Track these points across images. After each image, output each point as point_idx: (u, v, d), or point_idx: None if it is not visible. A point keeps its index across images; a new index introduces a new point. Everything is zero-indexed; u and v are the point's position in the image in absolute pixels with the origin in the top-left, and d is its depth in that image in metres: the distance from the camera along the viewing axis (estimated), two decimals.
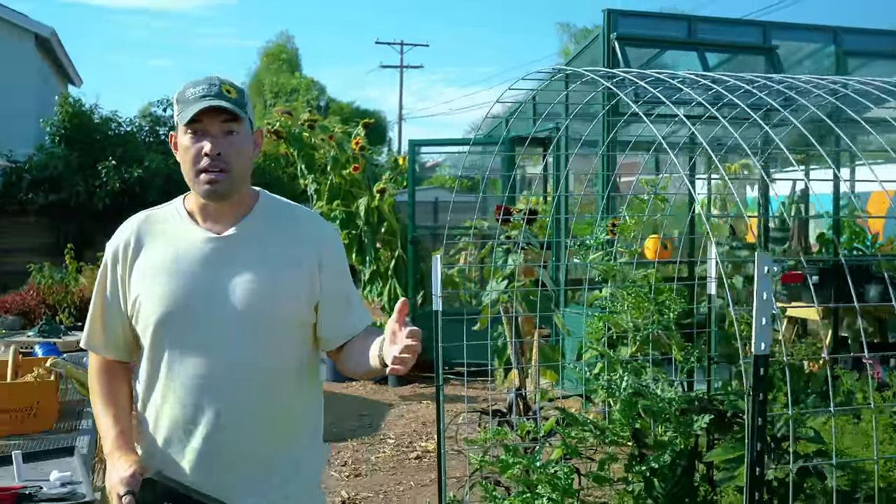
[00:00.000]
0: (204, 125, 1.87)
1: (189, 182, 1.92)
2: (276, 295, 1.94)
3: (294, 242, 2.00)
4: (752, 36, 6.36)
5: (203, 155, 1.87)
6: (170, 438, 1.92)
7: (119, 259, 1.96)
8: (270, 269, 1.94)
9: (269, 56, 39.81)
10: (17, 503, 2.05)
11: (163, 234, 1.96)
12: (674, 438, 3.56)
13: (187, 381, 1.90)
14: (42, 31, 17.48)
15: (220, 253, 1.94)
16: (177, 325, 1.90)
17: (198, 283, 1.91)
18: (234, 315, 1.90)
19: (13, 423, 2.80)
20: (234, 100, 1.90)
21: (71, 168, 15.06)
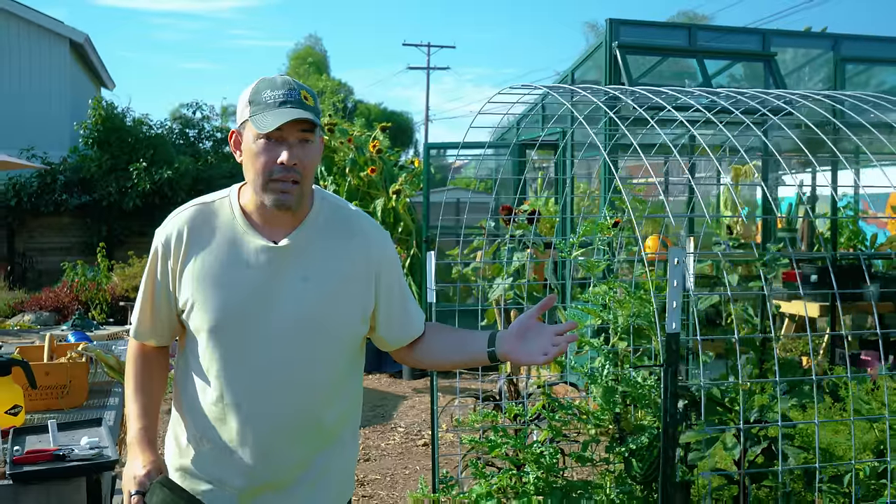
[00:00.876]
0: (282, 133, 1.81)
1: (255, 187, 1.86)
2: (329, 310, 1.92)
3: (349, 253, 1.97)
4: (752, 43, 6.58)
5: (278, 164, 1.81)
6: (212, 437, 1.92)
7: (171, 251, 1.91)
8: (321, 282, 1.92)
9: (298, 58, 40.36)
10: (52, 461, 2.38)
11: (217, 233, 1.91)
12: (652, 422, 3.84)
13: (238, 388, 1.88)
14: (76, 36, 18.02)
15: (275, 264, 1.89)
16: (229, 334, 1.87)
17: (253, 294, 1.87)
18: (287, 329, 1.88)
19: (49, 400, 3.15)
20: (313, 108, 1.85)
21: (103, 170, 15.57)
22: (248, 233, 1.90)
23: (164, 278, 1.93)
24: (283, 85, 1.84)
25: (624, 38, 6.18)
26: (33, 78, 17.49)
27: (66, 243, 15.97)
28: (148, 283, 1.96)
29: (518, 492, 3.70)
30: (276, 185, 1.82)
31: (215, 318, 1.87)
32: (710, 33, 6.74)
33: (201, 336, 1.90)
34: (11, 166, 9.03)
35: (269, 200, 1.84)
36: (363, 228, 2.02)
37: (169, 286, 1.93)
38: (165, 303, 1.95)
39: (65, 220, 16.05)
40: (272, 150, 1.81)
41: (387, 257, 2.03)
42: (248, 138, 1.85)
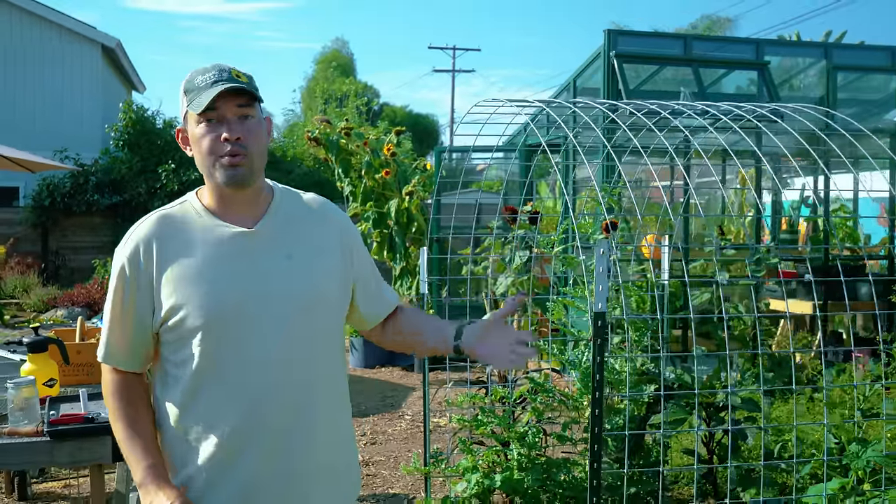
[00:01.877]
0: (219, 112, 1.83)
1: (206, 172, 1.86)
2: (317, 281, 1.93)
3: (322, 231, 1.99)
4: (746, 52, 6.87)
5: (222, 141, 1.82)
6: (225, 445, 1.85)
7: (141, 264, 1.85)
8: (304, 258, 1.93)
9: (324, 62, 40.92)
10: (82, 423, 2.77)
11: (187, 234, 1.87)
12: (627, 406, 4.17)
13: (239, 378, 1.85)
14: (108, 41, 18.61)
15: (255, 248, 1.89)
16: (227, 328, 1.83)
17: (239, 282, 1.85)
18: (283, 308, 1.87)
19: (81, 375, 3.55)
20: (247, 83, 1.86)
21: (133, 171, 16.11)
22: (220, 225, 1.89)
23: (136, 294, 1.86)
24: (212, 68, 1.86)
25: (621, 47, 6.50)
26: (66, 81, 18.10)
27: (98, 242, 16.51)
28: (116, 302, 1.88)
29: (503, 467, 4.06)
30: (226, 160, 1.82)
31: (212, 314, 1.82)
32: (705, 43, 7.05)
33: (194, 338, 1.83)
34: (46, 167, 9.51)
35: (222, 177, 1.84)
36: (328, 210, 2.05)
37: (145, 304, 1.86)
38: (139, 321, 1.88)
39: (96, 220, 16.60)
40: (213, 129, 1.83)
41: (354, 237, 2.08)
42: (191, 127, 1.86)
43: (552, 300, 4.73)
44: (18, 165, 8.56)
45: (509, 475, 3.95)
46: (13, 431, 2.75)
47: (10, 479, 4.76)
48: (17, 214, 16.46)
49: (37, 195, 16.06)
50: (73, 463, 2.84)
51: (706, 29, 22.70)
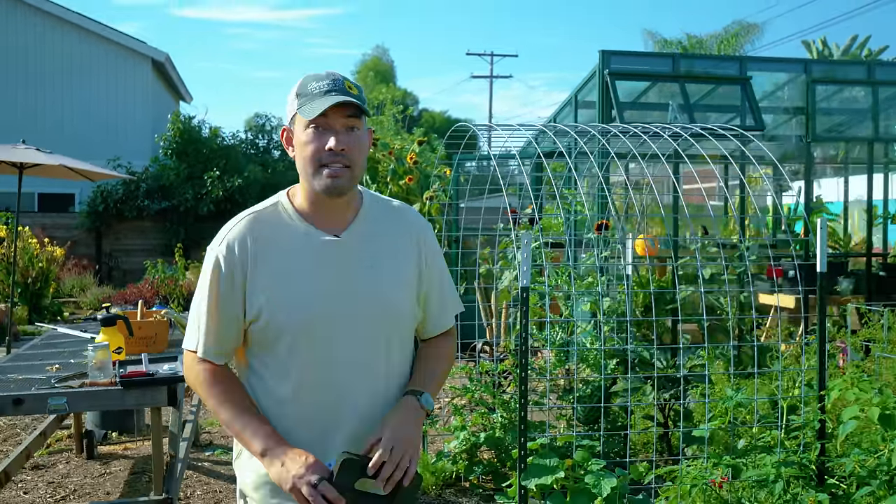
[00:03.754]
0: (328, 120, 1.86)
1: (306, 176, 1.90)
2: (398, 293, 1.99)
3: (403, 242, 2.04)
4: (730, 69, 7.53)
5: (327, 150, 1.86)
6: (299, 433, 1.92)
7: (236, 262, 1.90)
8: (389, 269, 1.99)
9: (365, 69, 41.99)
10: (144, 377, 3.62)
11: (278, 237, 1.93)
12: (596, 379, 4.91)
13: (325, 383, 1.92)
14: (157, 55, 19.75)
15: (339, 256, 1.94)
16: (314, 331, 1.90)
17: (325, 289, 1.91)
18: (367, 316, 1.94)
19: (141, 346, 4.40)
20: (357, 96, 1.91)
21: (180, 178, 17.16)
22: (310, 231, 1.94)
23: (231, 291, 1.91)
24: (327, 76, 1.91)
25: (614, 66, 7.22)
26: (119, 94, 19.29)
27: (148, 245, 17.59)
28: (212, 298, 1.92)
29: (488, 427, 4.83)
30: (327, 171, 1.86)
31: (300, 319, 1.89)
32: (692, 60, 7.75)
33: (281, 339, 1.90)
34: (103, 177, 10.47)
35: (321, 186, 1.87)
36: (411, 220, 2.09)
37: (238, 300, 1.91)
38: (234, 317, 1.92)
39: (146, 224, 17.68)
40: (320, 137, 1.86)
41: (431, 248, 2.10)
42: (297, 130, 1.91)
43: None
44: (80, 175, 9.52)
45: (492, 434, 4.72)
46: (93, 383, 3.61)
47: (80, 441, 5.65)
48: (73, 220, 17.62)
49: (91, 201, 17.18)
50: (138, 405, 3.71)
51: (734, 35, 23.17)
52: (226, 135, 18.32)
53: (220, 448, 5.81)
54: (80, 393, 3.52)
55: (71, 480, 5.11)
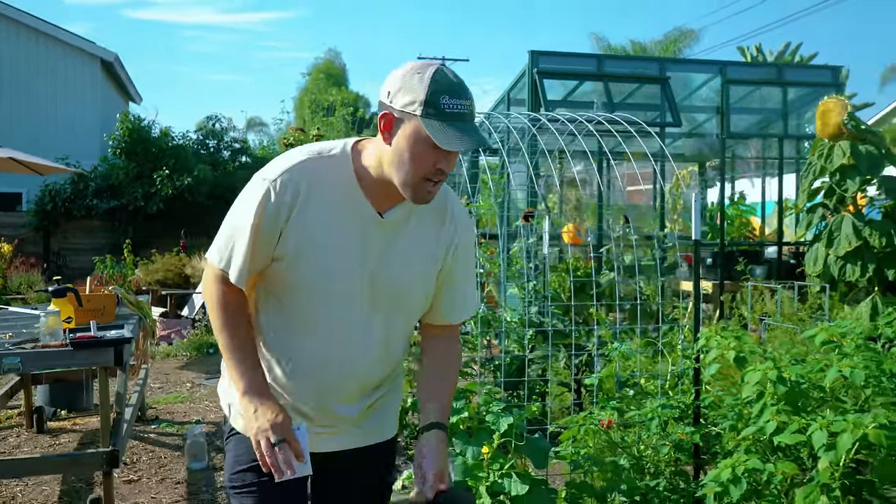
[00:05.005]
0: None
1: (401, 179, 1.86)
2: (416, 284, 2.04)
3: (439, 234, 2.06)
4: (650, 69, 8.06)
5: (437, 169, 1.84)
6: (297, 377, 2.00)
7: (285, 203, 1.88)
8: (417, 260, 2.02)
9: (317, 71, 42.16)
10: (93, 340, 3.95)
11: (332, 193, 1.92)
12: (515, 349, 5.35)
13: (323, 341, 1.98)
14: (107, 56, 19.81)
15: (378, 235, 1.96)
16: (329, 295, 1.95)
17: (356, 262, 1.94)
18: (377, 296, 1.98)
19: (90, 318, 4.71)
20: (476, 120, 1.95)
21: (130, 177, 17.28)
22: (359, 201, 1.94)
23: (274, 227, 1.90)
24: (461, 93, 1.81)
25: (542, 65, 7.70)
26: (68, 93, 19.32)
27: (97, 244, 17.63)
28: (254, 228, 1.90)
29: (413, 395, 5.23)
30: (427, 185, 1.85)
31: (314, 280, 1.93)
32: (616, 61, 8.26)
33: (297, 291, 1.95)
34: (54, 170, 10.67)
35: (413, 196, 1.87)
36: (454, 213, 2.09)
37: (274, 236, 1.91)
38: (267, 249, 1.93)
39: (95, 223, 17.74)
40: (434, 155, 1.82)
41: (464, 243, 2.11)
42: (408, 132, 1.82)
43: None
44: (29, 169, 9.72)
45: (415, 401, 5.12)
46: (45, 345, 3.94)
47: (30, 416, 5.93)
48: (21, 218, 17.62)
49: (39, 200, 17.21)
50: (87, 364, 4.04)
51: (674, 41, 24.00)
52: (176, 134, 18.47)
53: (165, 422, 6.13)
54: (33, 353, 3.85)
55: (21, 451, 5.39)
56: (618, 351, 3.91)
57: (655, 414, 3.57)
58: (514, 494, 3.36)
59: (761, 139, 8.98)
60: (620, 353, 3.92)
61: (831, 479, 3.06)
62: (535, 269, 6.50)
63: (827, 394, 3.27)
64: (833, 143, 6.67)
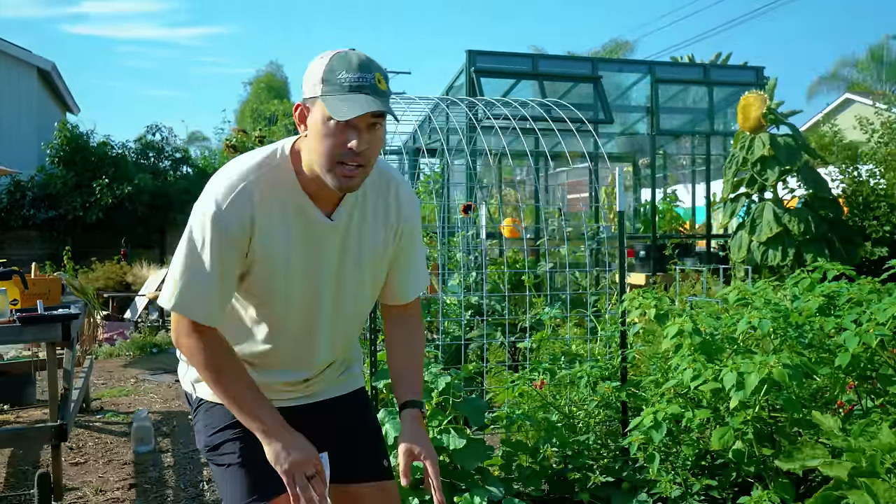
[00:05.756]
0: (354, 120, 1.76)
1: (320, 167, 1.82)
2: (368, 277, 2.05)
3: (384, 222, 2.05)
4: (583, 69, 8.38)
5: (348, 150, 1.79)
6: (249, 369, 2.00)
7: (239, 228, 1.85)
8: (366, 257, 2.02)
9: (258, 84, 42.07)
10: (40, 315, 4.04)
11: (280, 203, 1.89)
12: (455, 330, 5.55)
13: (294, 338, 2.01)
14: (44, 64, 19.57)
15: (327, 237, 1.95)
16: (282, 303, 1.96)
17: (312, 266, 1.94)
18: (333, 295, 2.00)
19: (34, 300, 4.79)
20: (385, 93, 1.80)
21: (68, 186, 17.06)
22: (307, 207, 1.92)
23: (234, 255, 1.87)
24: (358, 66, 1.77)
25: (480, 64, 7.95)
26: (3, 102, 19.00)
27: (34, 255, 17.30)
28: (216, 263, 1.85)
29: None
30: (342, 169, 1.80)
31: (272, 294, 1.94)
32: (550, 61, 8.56)
33: (256, 303, 1.98)
34: None
35: (333, 182, 1.82)
36: (400, 197, 2.08)
37: (239, 260, 1.89)
38: (232, 283, 1.90)
39: (32, 234, 17.45)
40: (342, 134, 1.78)
41: (411, 225, 2.11)
42: (316, 116, 1.80)
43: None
44: None
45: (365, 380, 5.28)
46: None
47: None
48: None
49: None
50: (35, 339, 4.12)
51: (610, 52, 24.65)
52: (115, 143, 18.32)
53: (110, 412, 6.18)
54: None
55: None
56: (549, 315, 4.14)
57: (584, 373, 3.80)
58: (452, 448, 3.55)
59: (690, 136, 9.37)
60: (551, 317, 4.15)
61: (744, 424, 3.33)
62: (474, 260, 6.73)
63: (739, 346, 3.53)
64: (754, 135, 7.05)
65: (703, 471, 3.63)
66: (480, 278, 6.20)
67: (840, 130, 10.88)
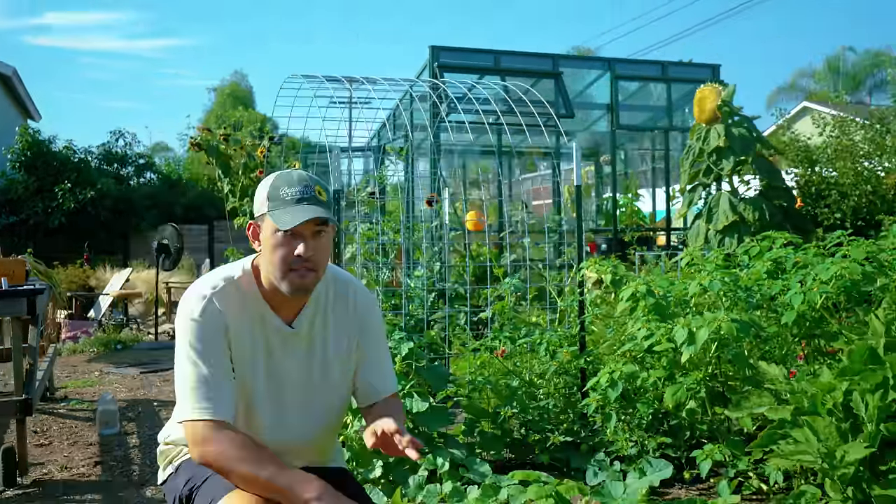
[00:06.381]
0: (298, 228, 1.93)
1: (273, 276, 1.97)
2: (333, 382, 2.12)
3: (347, 326, 2.14)
4: (545, 65, 8.55)
5: (296, 257, 1.94)
6: None
7: (218, 327, 1.97)
8: (330, 362, 2.11)
9: (223, 93, 41.82)
10: (6, 291, 4.06)
11: (245, 315, 2.02)
12: (419, 308, 5.64)
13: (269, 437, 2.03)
14: (4, 69, 19.34)
15: (290, 345, 2.06)
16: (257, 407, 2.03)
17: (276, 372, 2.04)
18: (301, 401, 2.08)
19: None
20: (326, 203, 1.98)
21: (30, 191, 16.89)
22: (267, 314, 2.04)
23: (224, 348, 1.98)
24: (298, 181, 1.97)
25: (443, 59, 8.07)
26: None
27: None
28: (212, 358, 1.95)
29: None
30: (295, 275, 1.95)
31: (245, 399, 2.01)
32: (512, 56, 8.70)
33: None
34: None
35: (287, 288, 1.96)
36: (357, 299, 2.18)
37: (226, 350, 1.98)
38: (230, 369, 1.99)
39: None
40: (290, 243, 1.94)
41: (374, 328, 2.21)
42: (266, 231, 1.97)
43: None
44: None
45: None
46: None
47: None
48: None
49: None
50: (1, 314, 4.13)
51: None
52: (78, 149, 18.19)
53: (74, 400, 6.17)
54: None
55: None
56: (509, 283, 4.24)
57: (544, 339, 3.91)
58: (415, 412, 3.64)
59: (650, 132, 9.56)
60: (510, 285, 4.25)
61: (696, 384, 3.45)
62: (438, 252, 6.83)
63: (691, 308, 3.66)
64: (709, 126, 7.24)
65: (659, 432, 3.75)
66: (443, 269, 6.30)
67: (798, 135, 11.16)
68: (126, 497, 3.89)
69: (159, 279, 11.43)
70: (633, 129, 9.39)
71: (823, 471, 2.60)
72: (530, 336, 3.98)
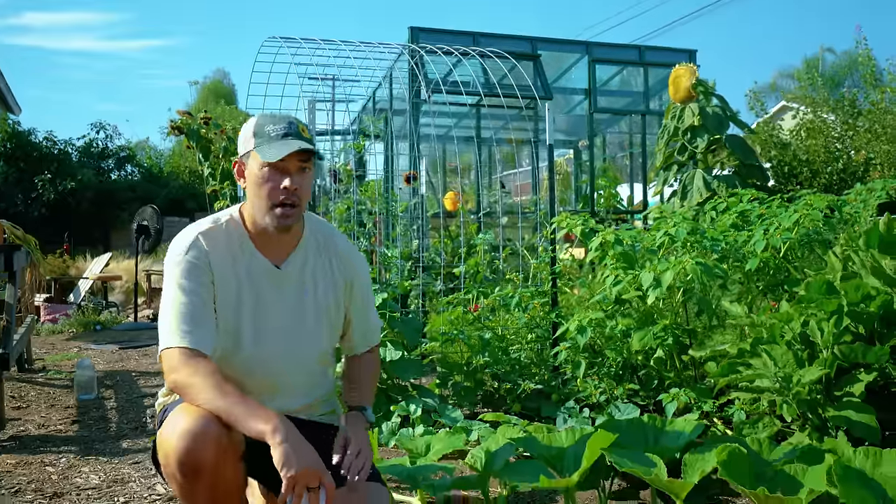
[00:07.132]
0: (284, 162, 2.01)
1: (258, 211, 2.06)
2: (323, 320, 2.18)
3: (334, 271, 2.21)
4: (523, 47, 8.62)
5: (282, 190, 2.01)
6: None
7: (205, 266, 2.04)
8: (318, 299, 2.17)
9: (207, 90, 41.72)
10: None
11: (231, 257, 2.08)
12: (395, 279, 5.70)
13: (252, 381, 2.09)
14: None
15: (278, 284, 2.12)
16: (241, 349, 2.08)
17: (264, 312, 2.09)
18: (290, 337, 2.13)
19: None
20: (309, 140, 2.06)
21: (9, 182, 16.82)
22: (255, 256, 2.11)
23: (206, 277, 2.04)
24: (282, 119, 2.07)
25: (423, 42, 8.13)
26: None
27: None
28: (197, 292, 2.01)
29: None
30: (280, 210, 2.03)
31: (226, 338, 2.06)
32: (490, 39, 8.76)
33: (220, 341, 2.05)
34: None
35: (272, 222, 2.04)
36: (342, 250, 2.26)
37: (209, 283, 2.05)
38: (212, 301, 2.05)
39: None
40: (275, 177, 2.02)
41: (360, 279, 2.28)
42: (252, 167, 2.06)
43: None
44: None
45: None
46: None
47: None
48: None
49: None
50: None
51: None
52: (59, 140, 18.13)
53: (52, 370, 6.18)
54: None
55: None
56: (482, 238, 4.32)
57: (516, 293, 3.98)
58: (388, 360, 3.70)
59: (627, 115, 9.66)
60: (484, 239, 4.33)
61: (663, 331, 3.53)
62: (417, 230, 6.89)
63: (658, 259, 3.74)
64: (684, 105, 7.35)
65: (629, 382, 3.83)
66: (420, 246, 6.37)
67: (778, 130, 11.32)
68: (101, 448, 3.92)
69: (140, 267, 11.42)
70: (611, 111, 9.49)
71: (780, 393, 2.68)
72: (503, 291, 4.06)
